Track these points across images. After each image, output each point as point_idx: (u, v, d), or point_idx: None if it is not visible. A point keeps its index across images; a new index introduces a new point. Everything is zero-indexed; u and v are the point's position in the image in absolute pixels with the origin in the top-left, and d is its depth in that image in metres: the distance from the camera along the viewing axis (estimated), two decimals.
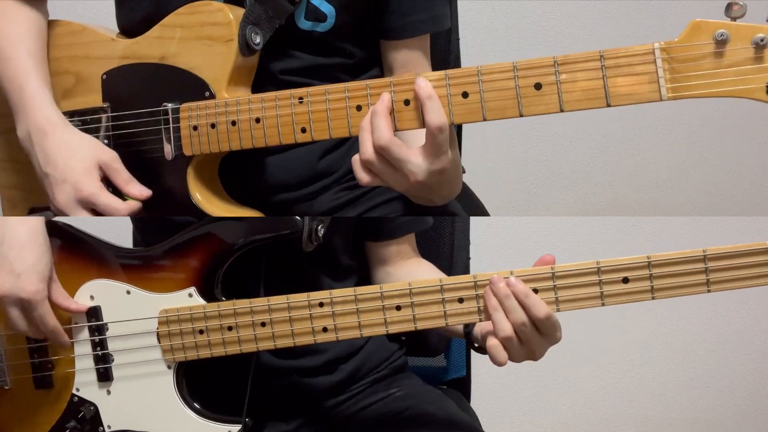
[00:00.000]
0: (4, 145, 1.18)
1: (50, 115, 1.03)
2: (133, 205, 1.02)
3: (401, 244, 1.14)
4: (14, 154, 1.16)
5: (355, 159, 0.91)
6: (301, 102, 0.94)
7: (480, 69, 0.86)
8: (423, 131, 0.88)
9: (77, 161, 1.01)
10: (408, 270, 1.13)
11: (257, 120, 0.97)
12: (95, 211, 1.01)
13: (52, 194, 1.02)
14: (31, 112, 1.03)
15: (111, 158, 1.03)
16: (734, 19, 0.78)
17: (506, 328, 0.88)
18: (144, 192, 1.03)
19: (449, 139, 0.88)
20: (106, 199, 1.00)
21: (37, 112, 1.03)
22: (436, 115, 0.86)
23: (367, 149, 0.89)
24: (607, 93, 0.82)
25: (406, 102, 0.89)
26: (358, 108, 0.91)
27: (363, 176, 0.91)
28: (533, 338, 0.88)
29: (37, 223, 1.01)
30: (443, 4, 1.14)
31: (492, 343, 0.89)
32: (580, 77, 0.83)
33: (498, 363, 0.90)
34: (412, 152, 0.88)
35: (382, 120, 0.88)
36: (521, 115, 0.85)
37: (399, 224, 1.12)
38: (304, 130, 0.94)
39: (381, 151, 0.88)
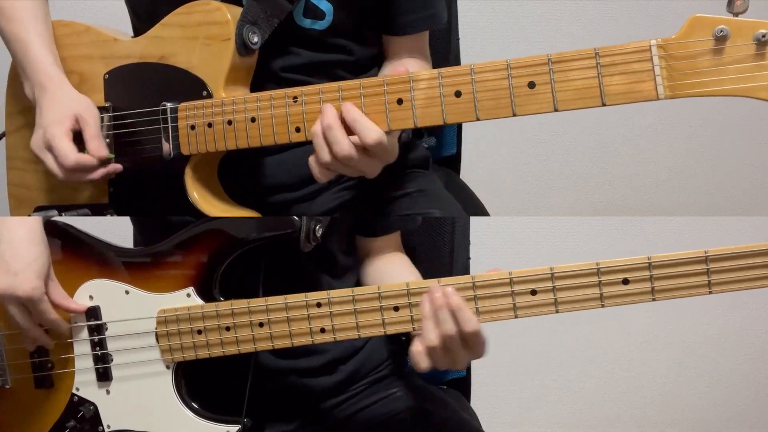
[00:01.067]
0: (12, 144, 1.19)
1: (50, 72, 1.07)
2: (83, 159, 1.02)
3: (388, 239, 1.15)
4: (21, 154, 1.16)
5: (312, 160, 0.94)
6: (295, 101, 0.94)
7: (473, 67, 0.85)
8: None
9: (56, 110, 1.04)
10: (386, 261, 1.15)
11: (252, 119, 0.96)
12: (58, 161, 1.03)
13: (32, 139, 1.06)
14: (34, 72, 1.07)
15: (87, 112, 1.05)
16: (736, 14, 0.76)
17: (433, 338, 0.88)
18: (100, 152, 1.04)
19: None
20: (62, 144, 1.02)
21: (40, 70, 1.07)
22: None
23: (324, 156, 0.92)
24: (602, 92, 0.81)
25: (399, 101, 0.89)
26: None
27: (322, 177, 0.95)
28: (458, 350, 0.88)
29: (34, 222, 1.01)
30: (440, 1, 1.15)
31: (417, 349, 0.89)
32: (574, 76, 0.81)
33: (419, 369, 0.90)
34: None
35: (338, 132, 0.90)
36: (515, 115, 0.84)
37: (389, 222, 1.14)
38: (298, 130, 0.94)
39: (345, 161, 0.91)
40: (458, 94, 0.86)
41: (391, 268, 1.13)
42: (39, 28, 1.10)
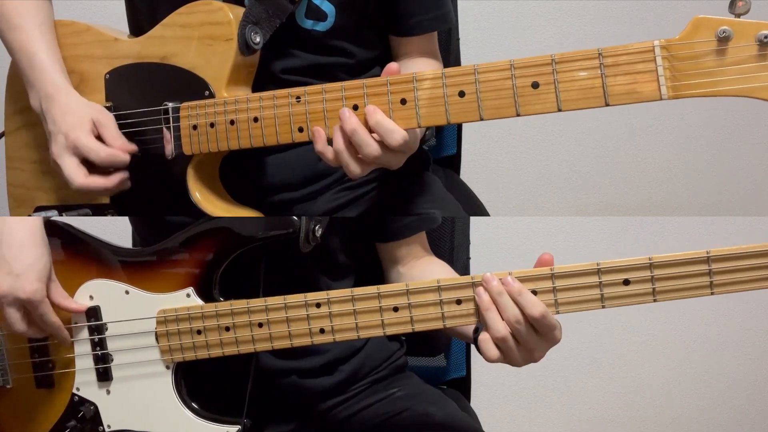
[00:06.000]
0: (12, 144, 1.19)
1: (57, 82, 1.07)
2: (113, 153, 1.03)
3: (411, 244, 1.13)
4: (21, 153, 1.16)
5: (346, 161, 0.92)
6: (298, 101, 0.94)
7: (477, 68, 0.85)
8: None
9: (73, 116, 1.04)
10: (420, 269, 1.12)
11: (255, 119, 0.96)
12: (85, 160, 1.03)
13: (50, 148, 1.05)
14: (41, 82, 1.07)
15: (102, 115, 1.05)
16: (738, 15, 0.76)
17: (500, 328, 0.86)
18: (127, 146, 1.05)
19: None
20: (88, 141, 1.03)
21: (47, 81, 1.07)
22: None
23: (354, 168, 0.91)
24: (605, 92, 0.81)
25: (403, 101, 0.89)
26: (355, 107, 0.91)
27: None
28: (530, 338, 0.86)
29: (35, 223, 1.01)
30: (447, 1, 1.15)
31: (483, 337, 0.88)
32: (578, 76, 0.81)
33: (488, 358, 0.88)
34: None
35: (363, 135, 0.89)
36: (518, 115, 0.84)
37: (407, 223, 1.12)
38: (301, 130, 0.94)
39: (373, 162, 0.90)
40: (462, 94, 0.86)
41: (431, 274, 1.11)
42: (45, 36, 1.09)
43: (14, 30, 1.09)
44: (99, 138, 1.04)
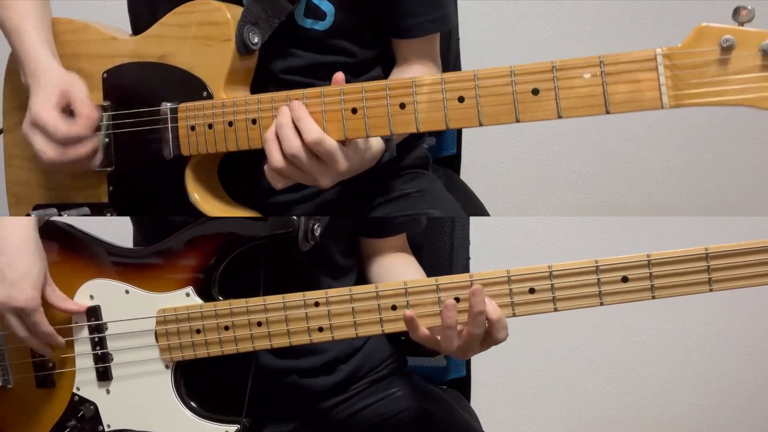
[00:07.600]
0: (11, 142, 1.19)
1: (42, 61, 1.05)
2: (73, 127, 1.01)
3: (392, 240, 1.15)
4: (20, 151, 1.16)
5: (266, 168, 0.94)
6: None
7: (476, 73, 0.85)
8: None
9: (42, 91, 1.02)
10: (391, 260, 1.14)
11: (253, 121, 0.96)
12: (49, 135, 1.01)
13: None
14: (27, 61, 1.05)
15: (73, 85, 1.04)
16: (742, 24, 0.75)
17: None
18: (92, 112, 1.03)
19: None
20: (49, 116, 1.00)
21: (32, 59, 1.05)
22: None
23: (276, 158, 0.92)
24: (606, 100, 0.80)
25: (402, 105, 0.89)
26: (354, 111, 0.91)
27: (277, 183, 0.94)
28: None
29: (29, 229, 1.00)
30: (449, 3, 1.15)
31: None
32: (578, 83, 0.80)
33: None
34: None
35: (288, 131, 0.90)
36: (518, 121, 0.83)
37: (394, 224, 1.13)
38: None
39: (293, 160, 0.91)
40: (461, 99, 0.86)
41: (397, 269, 1.13)
42: (36, 20, 1.08)
43: (8, 11, 1.08)
44: (69, 110, 1.03)
